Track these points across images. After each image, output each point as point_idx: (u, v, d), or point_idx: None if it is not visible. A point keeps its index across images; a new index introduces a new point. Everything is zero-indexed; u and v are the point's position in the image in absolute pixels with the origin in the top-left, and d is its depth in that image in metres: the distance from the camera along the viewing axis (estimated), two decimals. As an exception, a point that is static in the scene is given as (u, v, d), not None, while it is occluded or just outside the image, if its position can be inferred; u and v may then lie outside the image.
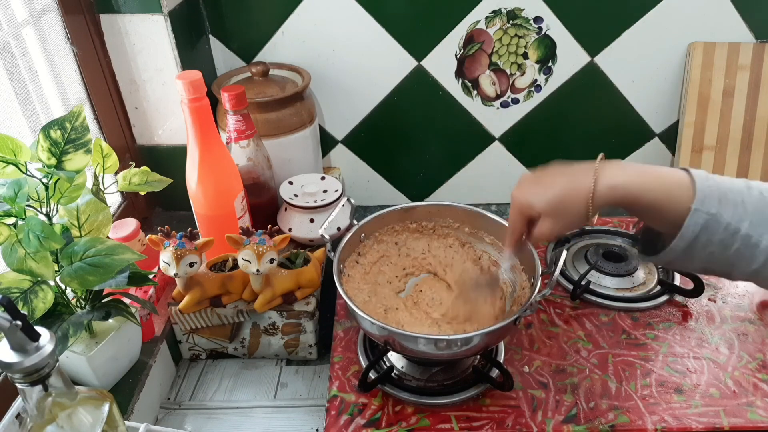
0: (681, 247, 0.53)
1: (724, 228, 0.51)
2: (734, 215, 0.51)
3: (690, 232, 0.52)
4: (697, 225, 0.52)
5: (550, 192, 0.58)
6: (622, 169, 0.56)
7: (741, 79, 1.09)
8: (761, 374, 0.78)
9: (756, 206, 0.51)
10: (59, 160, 0.63)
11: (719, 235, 0.52)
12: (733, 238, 0.51)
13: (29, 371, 0.47)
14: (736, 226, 0.51)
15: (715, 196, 0.52)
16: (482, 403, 0.74)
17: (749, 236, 0.51)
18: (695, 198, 0.52)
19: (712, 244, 0.52)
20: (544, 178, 0.60)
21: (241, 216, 0.90)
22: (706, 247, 0.53)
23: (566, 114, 1.17)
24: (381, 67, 1.11)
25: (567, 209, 0.57)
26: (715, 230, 0.52)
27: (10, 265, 0.60)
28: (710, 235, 0.52)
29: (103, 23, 0.93)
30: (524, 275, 0.80)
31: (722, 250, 0.52)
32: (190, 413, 0.84)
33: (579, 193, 0.56)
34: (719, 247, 0.52)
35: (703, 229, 0.52)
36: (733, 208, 0.51)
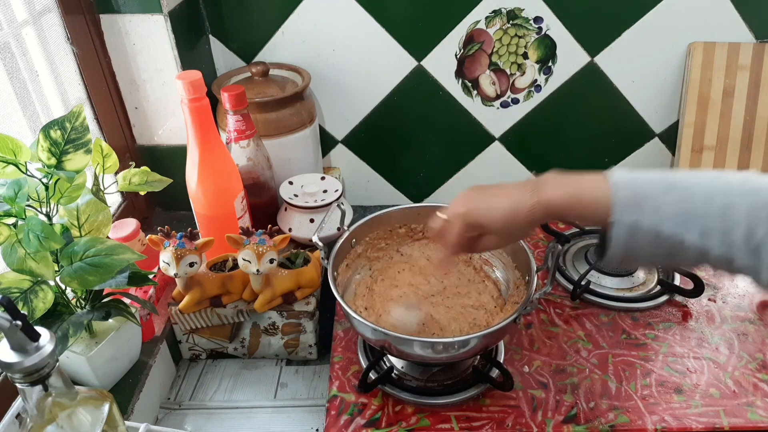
0: (618, 254, 0.55)
1: (645, 233, 0.53)
2: (653, 220, 0.53)
3: (618, 242, 0.54)
4: (622, 234, 0.54)
5: (497, 212, 0.60)
6: (551, 185, 0.58)
7: (741, 79, 1.09)
8: (761, 374, 0.78)
9: (674, 208, 0.53)
10: (59, 160, 0.63)
11: (646, 239, 0.53)
12: (659, 239, 0.53)
13: (29, 371, 0.47)
14: (657, 229, 0.53)
15: (633, 204, 0.54)
16: (482, 403, 0.74)
17: (672, 236, 0.52)
18: (612, 210, 0.54)
19: (644, 248, 0.54)
20: (486, 196, 0.62)
21: (241, 216, 0.90)
22: (640, 250, 0.55)
23: (566, 114, 1.17)
24: (381, 67, 1.11)
25: (512, 227, 0.60)
26: (640, 236, 0.53)
27: (10, 265, 0.60)
28: (638, 240, 0.54)
29: (103, 23, 0.93)
30: (518, 272, 0.80)
31: (656, 250, 0.54)
32: (190, 413, 0.84)
33: (520, 213, 0.59)
34: (652, 248, 0.54)
35: (629, 236, 0.54)
36: (651, 213, 0.53)
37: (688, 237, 0.52)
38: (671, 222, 0.52)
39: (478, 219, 0.61)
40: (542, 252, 1.01)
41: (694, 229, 0.52)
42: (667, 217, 0.53)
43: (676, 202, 0.53)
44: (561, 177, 0.59)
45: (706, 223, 0.51)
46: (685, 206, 0.52)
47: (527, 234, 0.63)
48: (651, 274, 0.94)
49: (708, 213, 0.52)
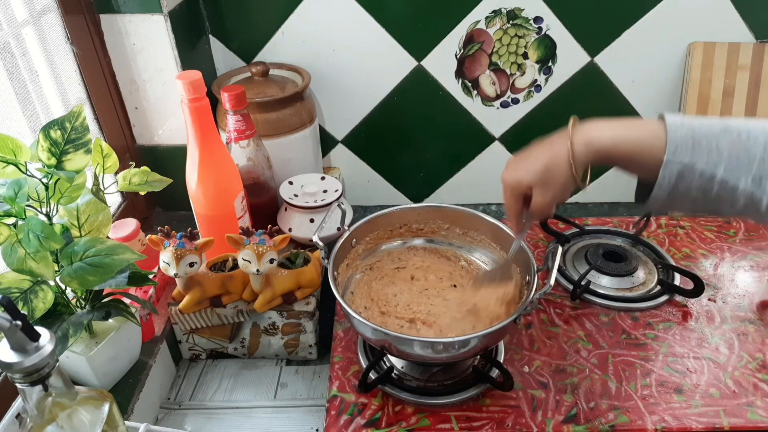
0: (662, 196, 0.54)
1: (699, 175, 0.52)
2: (708, 162, 0.51)
3: (666, 183, 0.53)
4: (672, 175, 0.52)
5: (534, 165, 0.59)
6: (595, 126, 0.57)
7: (741, 79, 1.09)
8: (761, 374, 0.78)
9: (731, 150, 0.51)
10: (59, 160, 0.63)
11: (696, 182, 0.52)
12: (711, 183, 0.52)
13: (29, 371, 0.47)
14: (712, 172, 0.51)
15: (688, 145, 0.52)
16: (482, 403, 0.74)
17: (726, 180, 0.51)
18: (667, 148, 0.52)
19: (691, 191, 0.53)
20: (526, 155, 0.62)
21: (241, 216, 0.90)
22: (686, 194, 0.53)
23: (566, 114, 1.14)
24: (381, 67, 1.11)
25: (553, 176, 0.59)
26: (691, 178, 0.52)
27: (10, 265, 0.60)
28: (687, 183, 0.52)
29: (103, 23, 0.93)
30: (519, 273, 0.80)
31: (703, 195, 0.53)
32: (190, 413, 0.84)
33: (560, 158, 0.57)
34: (699, 192, 0.52)
35: (678, 178, 0.52)
36: (707, 154, 0.51)
37: (743, 182, 0.50)
38: (727, 165, 0.51)
39: (516, 177, 0.60)
40: (542, 252, 1.01)
41: (749, 174, 0.50)
42: (723, 159, 0.51)
43: (732, 145, 0.51)
44: (608, 120, 0.57)
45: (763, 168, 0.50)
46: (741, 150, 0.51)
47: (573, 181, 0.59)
48: (651, 274, 0.94)
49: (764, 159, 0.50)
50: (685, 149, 0.52)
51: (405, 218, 0.87)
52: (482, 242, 0.86)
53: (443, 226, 0.88)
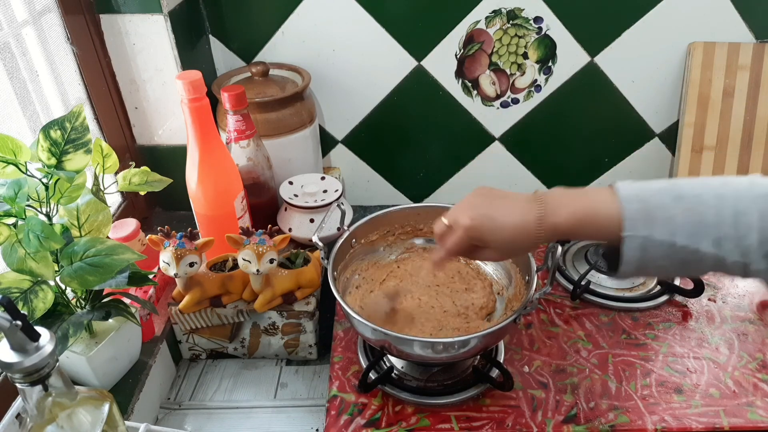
0: (631, 269, 0.55)
1: (659, 245, 0.53)
2: (664, 232, 0.52)
3: (631, 256, 0.54)
4: (635, 249, 0.53)
5: (505, 232, 0.59)
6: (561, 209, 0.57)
7: (741, 79, 1.09)
8: (761, 374, 0.78)
9: (685, 218, 0.52)
10: (59, 160, 0.63)
11: (659, 252, 0.53)
12: (672, 250, 0.53)
13: (29, 371, 0.47)
14: (671, 240, 0.52)
15: (643, 218, 0.53)
16: (482, 403, 0.74)
17: (686, 246, 0.52)
18: (624, 225, 0.53)
19: (657, 260, 0.54)
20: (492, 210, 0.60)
21: (241, 216, 0.90)
22: (653, 262, 0.54)
23: (566, 114, 1.17)
24: (381, 67, 1.11)
25: (516, 246, 0.60)
26: (653, 249, 0.53)
27: (10, 265, 0.60)
28: (651, 253, 0.53)
29: (103, 23, 0.93)
30: (518, 272, 0.80)
31: (670, 261, 0.54)
32: (190, 413, 0.84)
33: (528, 231, 0.58)
34: (665, 260, 0.54)
35: (642, 251, 0.53)
36: (663, 225, 0.53)
37: (703, 246, 0.52)
38: (684, 232, 0.52)
39: (483, 235, 0.60)
40: (542, 252, 1.01)
41: (708, 238, 0.51)
42: (679, 227, 0.52)
43: (687, 210, 0.52)
44: (567, 196, 0.58)
45: (720, 231, 0.51)
46: (696, 215, 0.52)
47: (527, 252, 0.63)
48: (651, 274, 0.94)
49: (720, 221, 0.51)
50: (641, 223, 0.53)
51: (405, 218, 0.87)
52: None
53: (443, 226, 0.88)
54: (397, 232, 0.88)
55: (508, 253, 0.63)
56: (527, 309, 0.69)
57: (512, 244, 0.59)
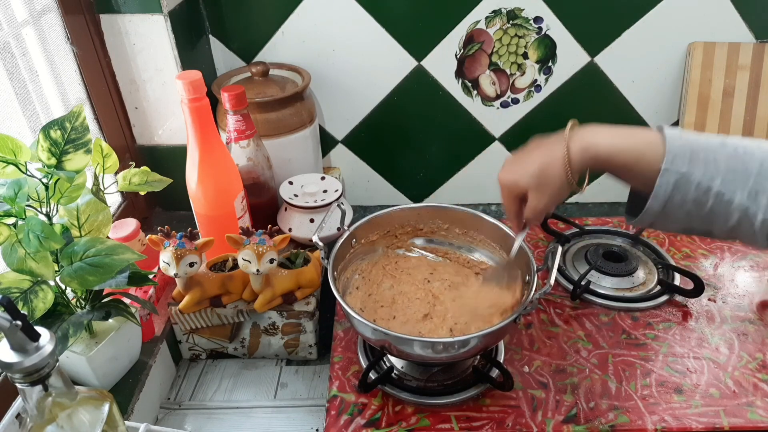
0: (656, 207, 0.53)
1: (695, 186, 0.51)
2: (705, 173, 0.51)
3: (662, 192, 0.52)
4: (669, 184, 0.52)
5: (530, 168, 0.59)
6: (593, 132, 0.57)
7: (741, 79, 1.09)
8: (761, 374, 0.78)
9: (728, 163, 0.51)
10: (59, 160, 0.63)
11: (692, 194, 0.52)
12: (706, 195, 0.51)
13: (29, 371, 0.47)
14: (708, 184, 0.51)
15: (686, 155, 0.52)
16: (482, 403, 0.74)
17: (722, 193, 0.51)
18: (665, 158, 0.52)
19: (686, 203, 0.52)
20: (523, 156, 0.62)
21: (241, 216, 0.90)
22: (681, 206, 0.53)
23: (566, 114, 1.15)
24: (381, 67, 1.11)
25: (548, 180, 0.59)
26: (687, 189, 0.52)
27: (10, 265, 0.60)
28: (683, 194, 0.52)
29: (103, 23, 0.93)
30: (519, 278, 0.80)
31: (697, 208, 0.52)
32: (190, 413, 0.84)
33: (555, 162, 0.57)
34: (694, 205, 0.52)
35: (675, 188, 0.52)
36: (704, 166, 0.51)
37: (738, 196, 0.50)
38: (724, 178, 0.51)
39: (512, 178, 0.61)
40: (542, 252, 1.01)
41: (745, 188, 0.50)
42: (720, 171, 0.51)
43: (729, 158, 0.51)
44: (606, 126, 0.57)
45: (759, 183, 0.50)
46: (740, 163, 0.51)
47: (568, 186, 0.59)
48: (651, 274, 0.94)
49: (762, 173, 0.50)
50: (682, 159, 0.52)
51: (405, 218, 0.87)
52: (482, 242, 0.87)
53: (443, 226, 0.88)
54: (397, 232, 0.88)
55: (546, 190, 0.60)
56: (527, 309, 0.69)
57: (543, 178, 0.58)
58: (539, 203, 0.61)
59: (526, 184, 0.60)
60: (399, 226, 0.88)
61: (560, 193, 0.61)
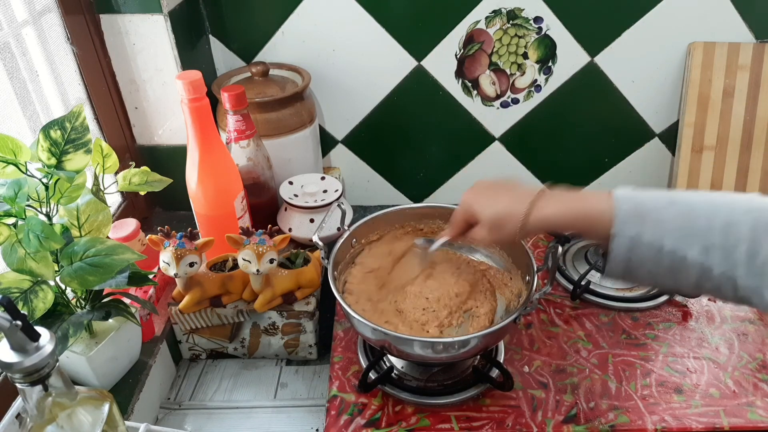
0: (618, 269, 0.56)
1: (648, 247, 0.53)
2: (654, 233, 0.53)
3: (618, 256, 0.54)
4: (622, 247, 0.54)
5: (492, 208, 0.63)
6: (554, 203, 0.60)
7: (741, 79, 1.09)
8: (761, 374, 0.78)
9: (676, 222, 0.53)
10: (59, 160, 0.63)
11: (647, 254, 0.53)
12: (660, 254, 0.53)
13: (29, 371, 0.47)
14: (660, 243, 0.52)
15: (635, 218, 0.54)
16: (482, 403, 0.74)
17: (674, 251, 0.52)
18: (614, 222, 0.54)
19: (645, 263, 0.54)
20: (493, 192, 0.66)
21: (241, 216, 0.90)
22: (641, 266, 0.54)
23: (566, 114, 1.17)
24: (381, 67, 1.11)
25: (501, 228, 0.62)
26: (641, 250, 0.53)
27: (10, 265, 0.60)
28: (639, 255, 0.54)
29: (103, 23, 0.93)
30: (518, 272, 0.80)
31: (657, 267, 0.54)
32: (190, 413, 0.84)
33: (513, 219, 0.61)
34: (653, 265, 0.54)
35: (629, 251, 0.54)
36: (653, 226, 0.53)
37: (690, 253, 0.52)
38: (673, 236, 0.52)
39: (474, 207, 0.65)
40: (542, 252, 1.01)
41: (696, 245, 0.51)
42: (669, 231, 0.52)
43: (678, 216, 0.53)
44: (565, 194, 0.60)
45: (709, 239, 0.51)
46: (687, 221, 0.52)
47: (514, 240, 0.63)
48: (651, 274, 0.94)
49: (710, 229, 0.51)
50: (632, 219, 0.54)
51: (405, 218, 0.87)
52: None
53: (443, 226, 0.88)
54: (397, 232, 0.88)
55: (494, 233, 0.64)
56: (527, 309, 0.69)
57: (497, 224, 0.62)
58: (484, 238, 0.66)
59: (482, 219, 0.64)
60: (399, 226, 0.88)
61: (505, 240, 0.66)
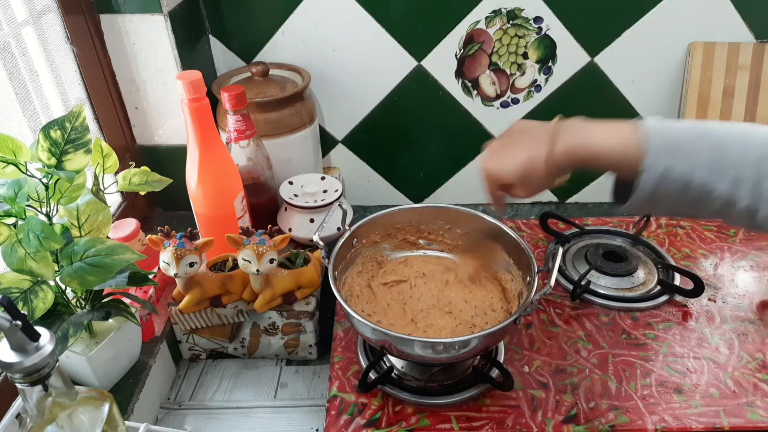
0: (642, 199, 0.55)
1: (677, 179, 0.53)
2: (686, 165, 0.53)
3: (646, 186, 0.54)
4: (652, 179, 0.53)
5: (513, 164, 0.61)
6: (577, 132, 0.58)
7: (741, 79, 1.09)
8: (761, 374, 0.78)
9: (708, 155, 0.53)
10: (59, 160, 0.63)
11: (675, 186, 0.53)
12: (689, 186, 0.53)
13: (29, 371, 0.47)
14: (690, 176, 0.53)
15: (667, 149, 0.53)
16: (482, 403, 0.74)
17: (704, 183, 0.52)
18: (647, 153, 0.53)
19: (670, 195, 0.54)
20: (506, 146, 0.63)
21: (241, 216, 0.90)
22: (666, 196, 0.54)
23: (566, 114, 1.15)
24: (381, 67, 1.11)
25: (531, 177, 0.60)
26: (669, 183, 0.53)
27: (10, 265, 0.60)
28: (667, 186, 0.54)
29: (103, 23, 0.93)
30: (518, 273, 0.80)
31: (682, 198, 0.54)
32: (190, 413, 0.84)
33: (538, 162, 0.59)
34: (678, 196, 0.54)
35: (657, 183, 0.53)
36: (686, 158, 0.53)
37: (719, 186, 0.52)
38: (704, 170, 0.52)
39: (496, 172, 0.62)
40: (542, 252, 1.01)
41: (726, 178, 0.52)
42: (700, 164, 0.52)
43: (710, 149, 0.53)
44: (587, 124, 0.58)
45: (740, 172, 0.51)
46: (719, 154, 0.52)
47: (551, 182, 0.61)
48: (651, 274, 0.94)
49: (742, 162, 0.51)
50: (664, 154, 0.53)
51: (405, 218, 0.87)
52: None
53: (443, 226, 0.88)
54: (397, 232, 0.88)
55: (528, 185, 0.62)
56: (528, 310, 0.69)
57: (526, 176, 0.60)
58: (524, 194, 0.63)
59: (509, 178, 0.62)
60: (399, 226, 0.88)
61: (542, 186, 0.62)
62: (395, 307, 0.81)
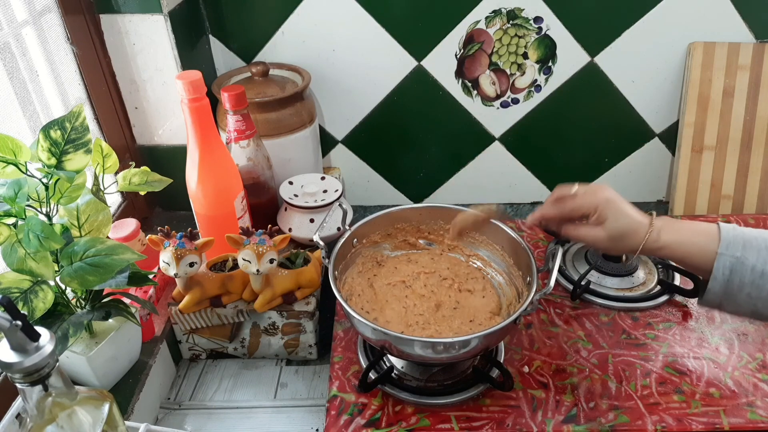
0: (718, 288, 0.60)
1: (750, 270, 0.58)
2: (758, 258, 0.58)
3: (720, 274, 0.59)
4: (725, 267, 0.59)
5: (625, 219, 0.65)
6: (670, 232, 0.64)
7: (741, 79, 1.09)
8: (761, 374, 0.78)
9: None
10: (59, 160, 0.63)
11: (748, 277, 0.58)
12: (762, 279, 0.58)
13: (29, 371, 0.47)
14: (762, 267, 0.58)
15: (739, 243, 0.59)
16: (482, 403, 0.74)
17: None
18: (720, 244, 0.59)
19: (745, 286, 0.59)
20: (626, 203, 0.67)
21: (241, 216, 0.90)
22: (741, 289, 0.59)
23: (566, 114, 1.17)
24: (381, 67, 1.11)
25: (620, 241, 0.66)
26: (743, 272, 0.58)
27: (10, 265, 0.60)
28: (740, 277, 0.59)
29: (103, 23, 0.93)
30: (518, 273, 0.80)
31: (757, 291, 0.59)
32: (190, 413, 0.84)
33: (633, 239, 0.65)
34: (753, 288, 0.59)
35: (731, 271, 0.59)
36: (757, 252, 0.58)
37: None
38: None
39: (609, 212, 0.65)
40: (542, 252, 1.01)
41: None
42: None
43: None
44: (676, 222, 0.65)
45: None
46: None
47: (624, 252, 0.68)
48: (651, 274, 0.94)
49: None
50: (736, 245, 0.59)
51: (405, 218, 0.87)
52: (483, 242, 0.86)
53: (443, 226, 0.88)
54: (397, 232, 0.88)
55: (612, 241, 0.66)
56: (528, 310, 0.69)
57: (624, 235, 0.65)
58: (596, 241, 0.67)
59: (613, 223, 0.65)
60: (399, 226, 0.88)
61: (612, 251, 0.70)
62: (395, 306, 0.81)
